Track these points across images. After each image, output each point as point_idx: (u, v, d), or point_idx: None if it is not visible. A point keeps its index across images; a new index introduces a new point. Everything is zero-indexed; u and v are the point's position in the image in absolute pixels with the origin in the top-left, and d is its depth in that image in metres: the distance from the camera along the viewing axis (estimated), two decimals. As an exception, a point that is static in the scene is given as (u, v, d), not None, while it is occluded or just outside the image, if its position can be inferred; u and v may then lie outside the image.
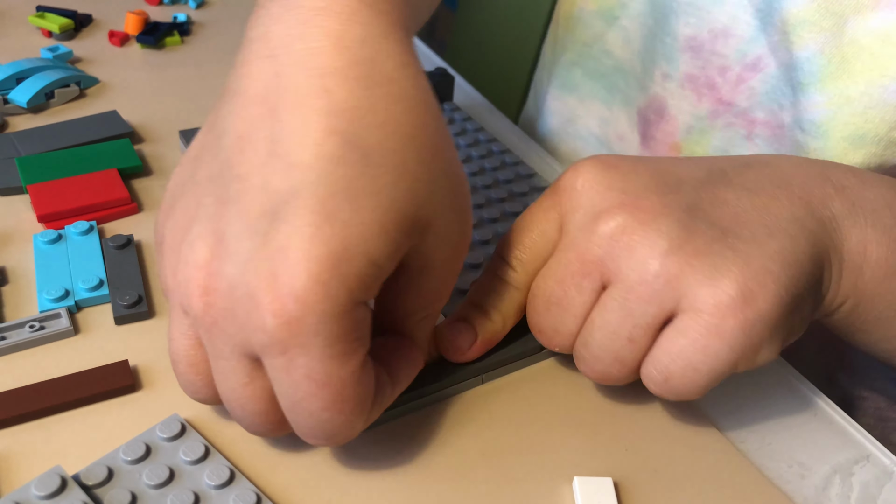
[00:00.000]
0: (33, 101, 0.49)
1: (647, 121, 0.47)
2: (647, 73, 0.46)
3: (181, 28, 0.61)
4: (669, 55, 0.44)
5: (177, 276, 0.24)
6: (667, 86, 0.45)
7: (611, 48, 0.49)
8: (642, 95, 0.47)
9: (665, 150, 0.46)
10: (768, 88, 0.41)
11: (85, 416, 0.30)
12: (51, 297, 0.34)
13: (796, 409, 0.34)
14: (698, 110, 0.44)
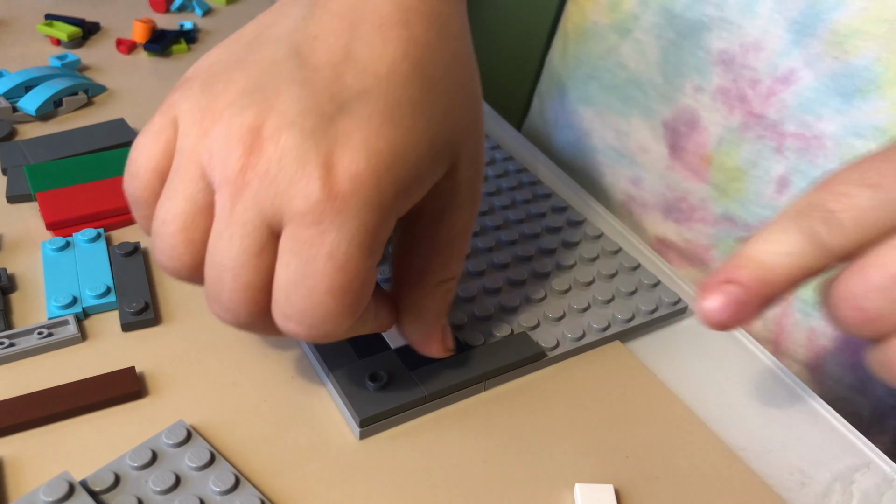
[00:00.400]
0: (42, 109, 0.49)
1: (676, 132, 0.48)
2: (673, 85, 0.47)
3: (188, 36, 0.62)
4: (702, 68, 0.45)
5: (210, 135, 0.25)
6: (699, 98, 0.46)
7: (625, 61, 0.50)
8: (668, 107, 0.48)
9: (696, 161, 0.47)
10: (802, 101, 0.41)
11: (92, 423, 0.31)
12: (59, 304, 0.35)
13: (797, 416, 0.34)
14: (729, 122, 0.45)
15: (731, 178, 0.45)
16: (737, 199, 0.45)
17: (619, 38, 0.50)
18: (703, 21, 0.44)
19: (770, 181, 0.43)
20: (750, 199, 0.45)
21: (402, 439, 0.31)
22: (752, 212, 0.45)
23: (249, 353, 0.34)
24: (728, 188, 0.46)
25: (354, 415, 0.30)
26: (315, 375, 0.33)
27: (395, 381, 0.32)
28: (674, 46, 0.46)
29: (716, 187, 0.46)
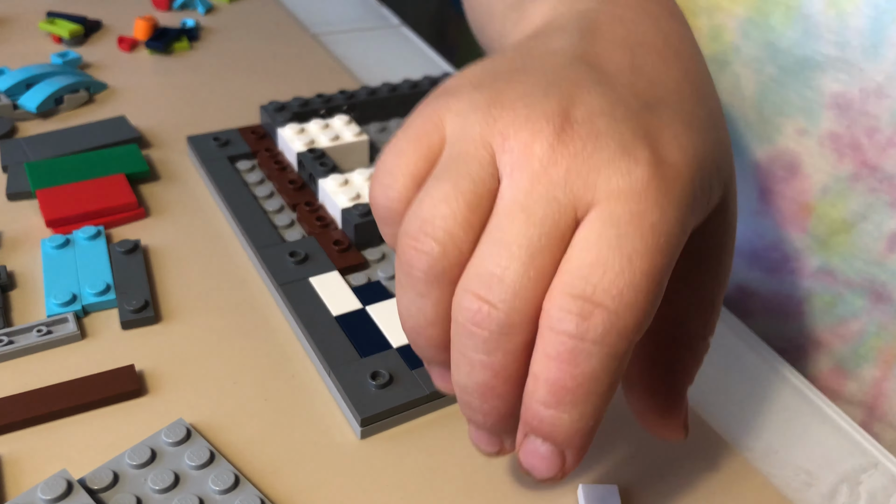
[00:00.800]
0: (43, 106, 0.49)
1: (770, 174, 0.44)
2: (771, 125, 0.43)
3: (190, 33, 0.61)
4: (810, 110, 0.41)
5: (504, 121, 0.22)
6: (803, 142, 0.42)
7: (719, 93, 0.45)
8: (762, 147, 0.44)
9: (794, 208, 0.43)
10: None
11: (91, 421, 0.30)
12: (58, 301, 0.35)
13: (803, 416, 0.34)
14: (838, 171, 0.41)
15: (835, 231, 0.42)
16: (839, 252, 0.42)
17: (716, 69, 0.45)
18: (816, 60, 0.40)
19: (881, 237, 0.40)
20: (855, 254, 0.41)
21: (403, 438, 0.31)
22: (856, 268, 0.42)
23: (250, 352, 0.34)
24: (830, 241, 0.42)
25: (355, 413, 0.30)
26: (316, 374, 0.33)
27: (397, 380, 0.31)
28: (775, 83, 0.42)
29: (816, 239, 0.43)
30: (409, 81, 0.51)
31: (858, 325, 0.43)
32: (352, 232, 0.38)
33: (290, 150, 0.44)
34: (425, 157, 0.23)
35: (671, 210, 0.22)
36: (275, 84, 0.56)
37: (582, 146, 0.22)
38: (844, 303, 0.43)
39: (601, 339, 0.21)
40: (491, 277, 0.21)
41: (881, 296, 0.42)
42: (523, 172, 0.22)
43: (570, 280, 0.21)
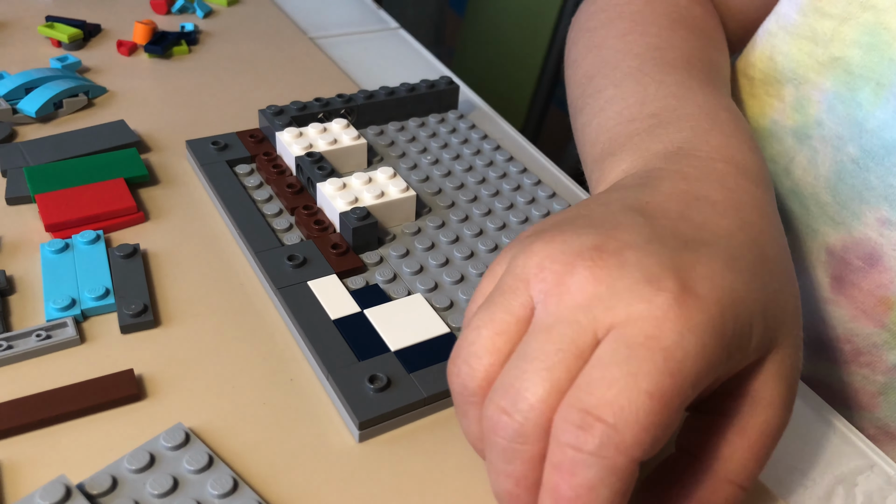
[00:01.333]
0: (42, 110, 0.49)
1: (846, 264, 0.41)
2: (847, 210, 0.40)
3: (189, 37, 0.62)
4: (893, 199, 0.38)
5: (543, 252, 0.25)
6: (885, 232, 0.39)
7: (794, 168, 0.43)
8: (838, 233, 0.41)
9: (873, 301, 0.40)
10: None
11: (90, 425, 0.31)
12: (57, 306, 0.35)
13: (799, 417, 0.34)
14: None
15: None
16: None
17: (796, 143, 0.43)
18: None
19: None
20: None
21: (401, 442, 0.31)
22: None
23: (249, 355, 0.34)
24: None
25: (354, 417, 0.30)
26: (314, 378, 0.33)
27: (395, 384, 0.32)
28: (855, 165, 0.39)
29: (894, 334, 0.40)
30: (406, 85, 0.51)
31: None
32: (350, 235, 0.38)
33: (288, 153, 0.44)
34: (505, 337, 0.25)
35: (691, 338, 0.22)
36: (273, 88, 0.57)
37: (607, 274, 0.23)
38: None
39: (598, 450, 0.21)
40: (509, 388, 0.23)
41: None
42: (551, 297, 0.24)
43: (576, 393, 0.22)
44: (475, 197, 0.44)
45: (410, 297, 0.36)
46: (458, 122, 0.51)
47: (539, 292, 0.24)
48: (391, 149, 0.48)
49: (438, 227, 0.41)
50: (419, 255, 0.39)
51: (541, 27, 1.23)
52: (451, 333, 0.34)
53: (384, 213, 0.40)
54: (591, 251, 0.24)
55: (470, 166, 0.47)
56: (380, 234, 0.40)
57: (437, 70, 0.62)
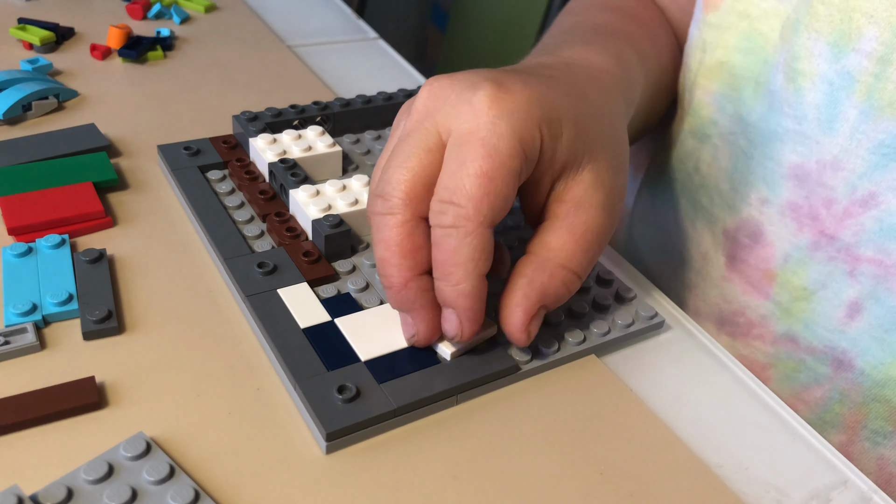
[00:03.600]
0: (9, 112, 0.48)
1: (736, 243, 0.46)
2: (738, 195, 0.45)
3: (164, 43, 0.61)
4: (771, 180, 0.43)
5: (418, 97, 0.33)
6: (765, 210, 0.44)
7: (700, 165, 0.48)
8: (731, 216, 0.46)
9: (758, 275, 0.45)
10: (883, 226, 0.39)
11: (47, 434, 0.30)
12: (17, 311, 0.34)
13: (774, 433, 0.33)
14: (798, 240, 0.42)
15: (797, 298, 0.43)
16: (802, 319, 0.43)
17: (699, 142, 0.48)
18: (777, 132, 0.42)
19: (840, 305, 0.41)
20: (817, 321, 0.42)
21: (370, 454, 0.30)
22: (818, 334, 0.43)
23: (215, 364, 0.33)
24: (792, 308, 0.43)
25: (321, 428, 0.29)
26: (282, 387, 0.32)
27: (364, 394, 0.31)
28: (744, 154, 0.45)
29: (779, 305, 0.44)
30: (383, 94, 0.51)
31: (822, 391, 0.44)
32: (322, 243, 0.38)
33: (261, 160, 0.43)
34: None
35: (502, 124, 0.30)
36: (249, 95, 0.56)
37: (441, 90, 0.32)
38: (808, 369, 0.44)
39: (453, 223, 0.30)
40: (381, 181, 0.31)
41: (842, 363, 0.42)
42: (408, 120, 0.32)
43: (436, 190, 0.30)
44: (451, 207, 0.43)
45: (382, 306, 0.36)
46: (435, 132, 0.51)
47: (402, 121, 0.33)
48: (367, 157, 0.48)
49: (413, 237, 0.41)
50: (393, 264, 0.39)
51: (522, 43, 1.23)
52: (423, 343, 0.34)
53: (358, 220, 0.40)
54: (431, 81, 0.32)
55: (446, 176, 0.46)
56: (353, 243, 0.40)
57: (415, 80, 0.62)
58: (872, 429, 0.42)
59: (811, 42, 0.39)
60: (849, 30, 0.37)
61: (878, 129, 0.37)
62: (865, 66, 0.37)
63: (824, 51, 0.39)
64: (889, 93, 0.37)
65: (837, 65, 0.38)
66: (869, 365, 0.41)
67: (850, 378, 0.42)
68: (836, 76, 0.38)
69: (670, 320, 0.39)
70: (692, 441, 0.32)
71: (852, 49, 0.37)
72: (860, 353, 0.41)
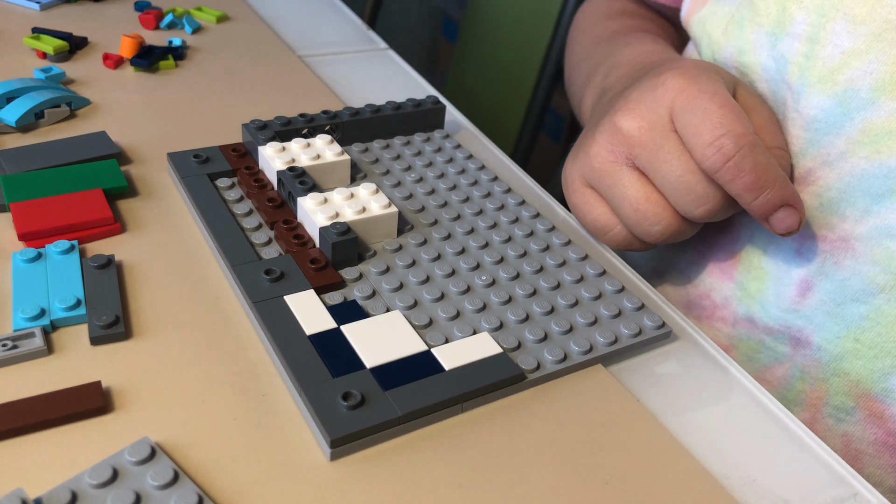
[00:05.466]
0: (22, 120, 0.49)
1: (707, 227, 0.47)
2: None
3: (176, 52, 0.61)
4: None
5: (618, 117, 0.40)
6: None
7: None
8: None
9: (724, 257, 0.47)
10: (823, 202, 0.40)
11: (53, 438, 0.30)
12: (26, 315, 0.34)
13: (782, 444, 0.33)
14: (754, 221, 0.44)
15: (754, 279, 0.44)
16: (758, 300, 0.44)
17: None
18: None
19: (791, 283, 0.42)
20: (772, 300, 0.43)
21: (374, 461, 0.30)
22: (773, 314, 0.44)
23: (221, 370, 0.33)
24: (751, 288, 0.45)
25: (325, 435, 0.29)
26: (287, 394, 0.32)
27: (369, 401, 0.31)
28: None
29: (740, 286, 0.45)
30: (392, 103, 0.51)
31: (783, 370, 0.44)
32: (329, 251, 0.38)
33: (270, 168, 0.44)
34: None
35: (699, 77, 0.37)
36: (259, 104, 0.56)
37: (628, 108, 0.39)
38: (767, 349, 0.45)
39: (735, 146, 0.35)
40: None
41: (800, 341, 0.43)
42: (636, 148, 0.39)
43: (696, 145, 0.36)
44: (458, 215, 0.43)
45: (389, 313, 0.36)
46: (443, 142, 0.51)
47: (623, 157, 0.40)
48: (375, 166, 0.48)
49: (420, 245, 0.41)
50: (399, 271, 0.39)
51: (532, 55, 1.23)
52: (428, 351, 0.34)
53: (365, 228, 0.40)
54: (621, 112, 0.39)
55: (454, 185, 0.46)
56: (360, 250, 0.40)
57: (424, 90, 0.62)
58: (834, 405, 0.42)
59: (754, 35, 0.43)
60: (783, 18, 0.41)
61: (810, 104, 0.40)
62: (797, 48, 0.41)
63: (764, 41, 0.42)
64: (818, 69, 0.40)
65: (774, 51, 0.42)
66: (825, 340, 0.42)
67: (809, 355, 0.43)
68: (772, 62, 0.42)
69: (677, 330, 0.39)
70: (699, 452, 0.32)
71: (786, 34, 0.41)
72: (815, 329, 0.42)
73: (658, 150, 0.37)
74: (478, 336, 0.35)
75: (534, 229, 0.43)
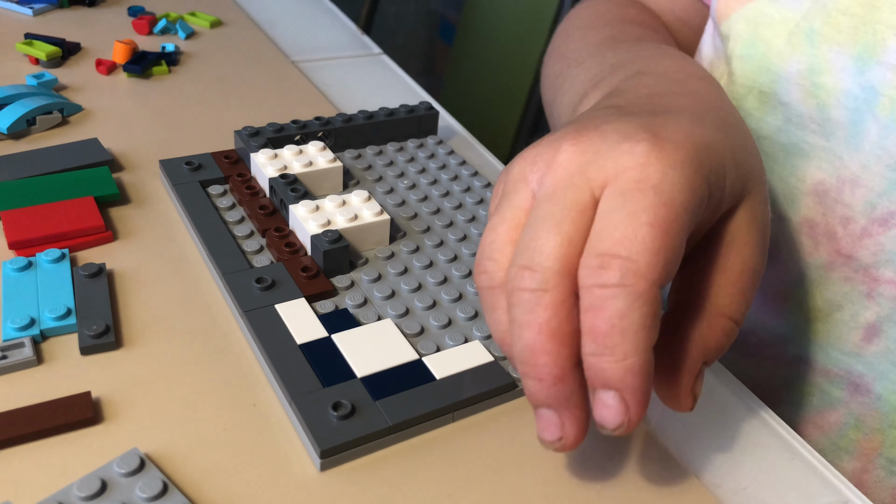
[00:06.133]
0: (14, 127, 0.48)
1: None
2: None
3: (169, 58, 0.61)
4: (790, 197, 0.41)
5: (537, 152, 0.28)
6: (781, 227, 0.41)
7: None
8: None
9: (771, 294, 0.43)
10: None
11: (41, 450, 0.29)
12: (15, 325, 0.34)
13: (773, 453, 0.33)
14: (813, 259, 0.40)
15: (812, 319, 0.41)
16: (816, 341, 0.41)
17: None
18: (801, 148, 0.40)
19: (857, 327, 0.40)
20: (832, 343, 0.41)
21: (365, 471, 0.30)
22: (833, 357, 0.41)
23: (212, 380, 0.33)
24: (807, 329, 0.42)
25: (315, 445, 0.29)
26: (278, 403, 0.32)
27: (360, 411, 0.31)
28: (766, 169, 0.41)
29: (793, 326, 0.42)
30: (385, 109, 0.51)
31: (836, 416, 0.42)
32: (321, 258, 0.38)
33: (262, 175, 0.44)
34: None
35: (674, 173, 0.25)
36: (252, 110, 0.56)
37: (590, 143, 0.27)
38: (822, 393, 0.42)
39: (620, 281, 0.24)
40: (527, 249, 0.26)
41: (859, 387, 0.41)
42: (547, 176, 0.27)
43: (590, 245, 0.25)
44: (451, 222, 0.43)
45: (380, 322, 0.35)
46: (436, 148, 0.51)
47: (536, 181, 0.27)
48: (368, 172, 0.48)
49: (412, 252, 0.41)
50: (391, 279, 0.39)
51: (529, 57, 1.23)
52: (420, 360, 0.34)
53: (357, 236, 0.40)
54: (572, 133, 0.27)
55: (447, 191, 0.46)
56: (352, 258, 0.40)
57: (419, 95, 0.62)
58: (888, 457, 0.40)
59: (833, 55, 0.38)
60: (873, 42, 0.36)
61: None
62: (890, 79, 0.36)
63: (848, 64, 0.37)
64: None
65: (861, 78, 0.37)
66: (887, 390, 0.40)
67: (867, 403, 0.41)
68: (859, 90, 0.37)
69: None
70: (690, 460, 0.32)
71: (877, 62, 0.36)
72: (877, 378, 0.40)
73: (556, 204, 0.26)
74: (469, 344, 0.35)
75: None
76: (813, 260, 0.40)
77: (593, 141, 0.27)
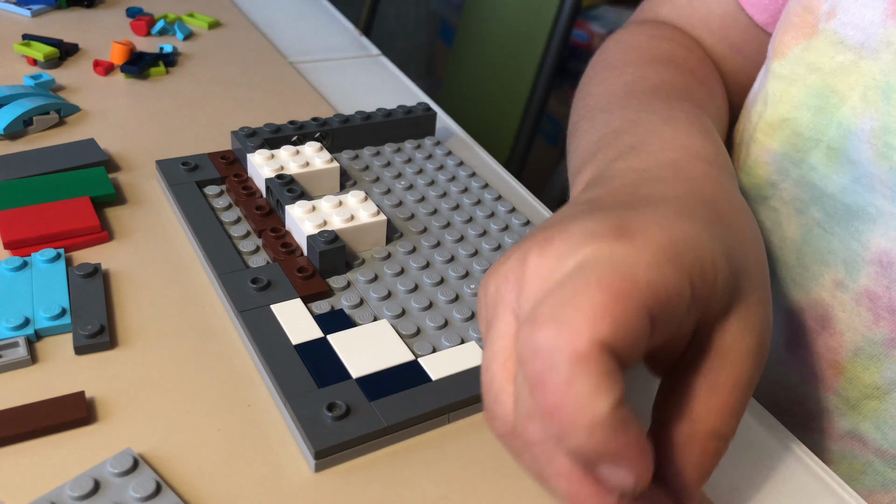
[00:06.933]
0: (10, 127, 0.48)
1: (801, 325, 0.41)
2: (808, 272, 0.40)
3: (167, 59, 0.61)
4: (851, 263, 0.38)
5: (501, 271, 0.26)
6: (838, 295, 0.38)
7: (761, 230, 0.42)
8: (796, 293, 0.41)
9: (824, 366, 0.40)
10: None
11: (35, 449, 0.29)
12: (10, 324, 0.34)
13: (770, 458, 0.33)
14: (873, 334, 0.37)
15: (867, 396, 0.39)
16: (871, 419, 0.39)
17: (752, 204, 0.42)
18: (868, 211, 0.36)
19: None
20: (888, 422, 0.38)
21: (359, 472, 0.30)
22: (889, 437, 0.38)
23: (206, 379, 0.33)
24: (861, 405, 0.39)
25: (310, 445, 0.29)
26: (273, 404, 0.32)
27: (355, 412, 0.31)
28: (820, 229, 0.39)
29: (845, 401, 0.40)
30: (383, 110, 0.51)
31: (890, 498, 0.40)
32: (317, 259, 0.38)
33: (259, 175, 0.43)
34: None
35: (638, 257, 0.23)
36: (249, 111, 0.56)
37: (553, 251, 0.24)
38: (875, 472, 0.40)
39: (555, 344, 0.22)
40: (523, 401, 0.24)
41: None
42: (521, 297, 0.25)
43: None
44: (448, 223, 0.43)
45: (376, 322, 0.35)
46: (434, 149, 0.51)
47: (513, 299, 0.25)
48: (365, 173, 0.48)
49: (409, 253, 0.41)
50: (388, 280, 0.39)
51: (528, 58, 1.23)
52: (415, 361, 0.33)
53: (353, 236, 0.40)
54: (539, 241, 0.25)
55: (444, 192, 0.46)
56: (348, 259, 0.39)
57: (417, 96, 0.62)
58: None
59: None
60: None
61: None
62: None
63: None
64: None
65: None
66: None
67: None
68: None
69: (667, 339, 0.39)
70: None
71: None
72: None
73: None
74: (465, 346, 0.35)
75: (524, 237, 0.43)
76: (872, 334, 0.37)
77: (556, 247, 0.24)
